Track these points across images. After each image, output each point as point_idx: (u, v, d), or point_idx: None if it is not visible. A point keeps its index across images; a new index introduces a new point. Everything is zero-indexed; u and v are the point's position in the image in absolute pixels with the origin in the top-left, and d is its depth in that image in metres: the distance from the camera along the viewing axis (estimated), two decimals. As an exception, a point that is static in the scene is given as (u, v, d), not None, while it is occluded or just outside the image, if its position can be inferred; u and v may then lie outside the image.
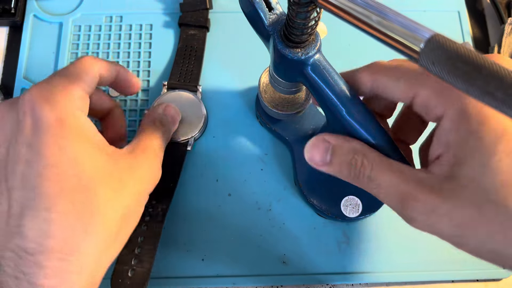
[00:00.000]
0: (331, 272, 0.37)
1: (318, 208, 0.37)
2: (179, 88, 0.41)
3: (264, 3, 0.27)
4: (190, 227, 0.38)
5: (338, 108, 0.27)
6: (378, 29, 0.20)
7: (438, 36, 0.18)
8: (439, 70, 0.17)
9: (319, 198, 0.37)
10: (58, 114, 0.26)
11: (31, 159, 0.25)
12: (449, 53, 0.17)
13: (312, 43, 0.27)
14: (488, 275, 0.38)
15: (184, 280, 0.37)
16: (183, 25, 0.45)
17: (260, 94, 0.37)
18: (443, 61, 0.17)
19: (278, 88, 0.34)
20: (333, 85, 0.27)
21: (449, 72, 0.17)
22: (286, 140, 0.39)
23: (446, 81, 0.17)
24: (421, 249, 0.38)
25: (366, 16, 0.20)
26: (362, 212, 0.36)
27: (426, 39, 0.18)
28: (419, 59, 0.18)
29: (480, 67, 0.16)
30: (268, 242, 0.38)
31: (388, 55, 0.47)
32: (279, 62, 0.29)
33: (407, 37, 0.19)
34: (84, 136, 0.27)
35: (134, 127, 0.42)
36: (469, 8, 0.48)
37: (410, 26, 0.19)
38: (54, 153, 0.26)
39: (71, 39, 0.45)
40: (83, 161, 0.26)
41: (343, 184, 0.34)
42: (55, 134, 0.26)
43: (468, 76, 0.16)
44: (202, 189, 0.39)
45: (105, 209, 0.27)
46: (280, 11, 0.28)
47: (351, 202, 0.36)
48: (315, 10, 0.24)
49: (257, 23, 0.28)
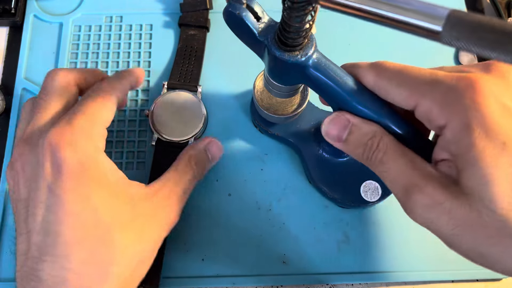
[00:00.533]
0: (331, 272, 0.37)
1: (340, 201, 0.37)
2: (179, 88, 0.41)
3: (251, 15, 0.27)
4: (190, 227, 0.38)
5: (348, 100, 0.27)
6: (392, 18, 0.20)
7: (456, 12, 0.18)
8: (465, 44, 0.17)
9: (339, 191, 0.37)
10: (80, 157, 0.26)
11: (52, 204, 0.25)
12: (472, 26, 0.17)
13: (308, 43, 0.27)
14: (488, 275, 0.38)
15: (184, 280, 0.37)
16: (183, 25, 0.45)
17: (256, 102, 0.37)
18: (468, 34, 0.17)
19: (276, 93, 0.33)
20: (338, 79, 0.27)
21: (476, 44, 0.17)
22: (291, 143, 0.39)
23: (473, 52, 0.17)
24: (421, 249, 0.38)
25: (377, 8, 0.20)
26: (382, 195, 0.36)
27: (445, 17, 0.18)
28: (442, 37, 0.18)
29: (509, 33, 0.16)
30: (268, 242, 0.38)
31: (389, 54, 0.47)
32: (279, 69, 0.28)
33: (424, 19, 0.19)
34: (105, 182, 0.27)
35: (134, 127, 0.42)
36: (469, 8, 0.48)
37: (425, 8, 0.19)
38: (75, 200, 0.26)
39: (71, 39, 0.45)
40: (103, 210, 0.26)
41: (359, 170, 0.34)
42: (76, 180, 0.26)
43: (498, 43, 0.16)
44: (202, 189, 0.40)
45: (122, 258, 0.27)
46: (268, 18, 0.28)
47: (370, 187, 0.37)
48: (310, 13, 0.24)
49: (248, 36, 0.28)
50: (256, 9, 0.27)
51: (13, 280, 0.33)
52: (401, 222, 0.39)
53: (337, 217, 0.39)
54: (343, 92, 0.27)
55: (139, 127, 0.42)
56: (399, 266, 0.38)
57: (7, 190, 0.39)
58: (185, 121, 0.40)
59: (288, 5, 0.23)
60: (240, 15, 0.27)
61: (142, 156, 0.41)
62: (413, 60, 0.44)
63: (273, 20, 0.28)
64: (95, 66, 0.44)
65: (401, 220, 0.39)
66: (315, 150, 0.38)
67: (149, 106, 0.42)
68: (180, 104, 0.40)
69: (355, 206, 0.37)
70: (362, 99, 0.27)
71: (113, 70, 0.44)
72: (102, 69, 0.44)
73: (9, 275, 0.37)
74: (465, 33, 0.17)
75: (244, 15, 0.27)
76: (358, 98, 0.27)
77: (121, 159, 0.40)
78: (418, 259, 0.38)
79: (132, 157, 0.41)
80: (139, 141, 0.41)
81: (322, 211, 0.39)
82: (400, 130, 0.27)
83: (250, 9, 0.27)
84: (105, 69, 0.44)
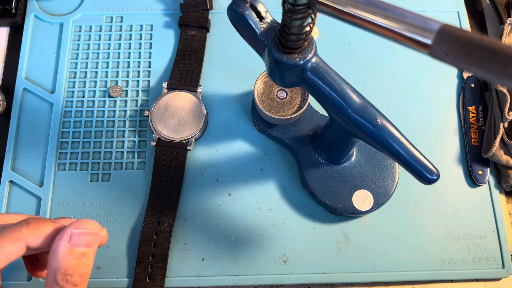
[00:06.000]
0: (331, 271, 0.37)
1: (331, 207, 0.37)
2: (179, 88, 0.41)
3: (254, 14, 0.27)
4: (190, 227, 0.38)
5: (343, 107, 0.27)
6: (384, 27, 0.20)
7: (447, 27, 0.18)
8: (453, 59, 0.17)
9: (330, 197, 0.37)
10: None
11: None
12: (462, 42, 0.17)
13: (308, 47, 0.27)
14: (487, 275, 0.38)
15: (185, 279, 0.37)
16: (184, 26, 0.45)
17: (257, 103, 0.37)
18: (457, 50, 0.17)
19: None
20: (334, 85, 0.27)
21: (464, 60, 0.17)
22: (288, 144, 0.39)
23: (461, 68, 0.17)
24: (421, 249, 0.38)
25: (370, 16, 0.20)
26: (374, 205, 0.36)
27: (436, 31, 0.18)
28: (431, 51, 0.18)
29: (496, 52, 0.16)
30: (268, 241, 0.38)
31: (389, 54, 0.47)
32: (277, 70, 0.28)
33: (415, 31, 0.18)
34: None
35: (135, 127, 0.42)
36: (469, 8, 0.48)
37: (417, 20, 0.19)
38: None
39: (71, 40, 0.45)
40: None
41: (353, 178, 0.34)
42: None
43: (485, 61, 0.16)
44: (202, 189, 0.40)
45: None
46: (271, 19, 0.28)
47: (362, 196, 0.36)
48: (310, 16, 0.24)
49: (250, 35, 0.28)
50: (260, 9, 0.27)
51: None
52: (400, 222, 0.39)
53: (337, 217, 0.39)
54: (339, 99, 0.27)
55: (139, 127, 0.42)
56: (399, 266, 0.38)
57: (8, 190, 0.40)
58: (185, 121, 0.40)
59: (288, 8, 0.23)
60: (243, 13, 0.27)
61: (142, 156, 0.41)
62: (412, 61, 0.44)
63: (276, 21, 0.28)
64: (96, 66, 0.44)
65: (401, 221, 0.39)
66: (311, 155, 0.38)
67: (149, 106, 0.42)
68: (180, 104, 0.40)
69: (345, 214, 0.37)
70: (358, 108, 0.27)
71: (113, 70, 0.44)
72: (103, 69, 0.44)
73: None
74: (455, 48, 0.17)
75: (247, 13, 0.27)
76: (354, 106, 0.27)
77: (122, 159, 0.41)
78: (418, 259, 0.38)
79: (133, 157, 0.41)
80: (139, 141, 0.41)
81: (322, 211, 0.39)
82: (396, 144, 0.27)
83: (254, 8, 0.27)
84: (105, 69, 0.44)
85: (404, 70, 0.44)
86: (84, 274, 0.23)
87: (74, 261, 0.22)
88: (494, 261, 0.38)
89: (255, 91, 0.37)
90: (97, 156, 0.41)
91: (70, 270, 0.22)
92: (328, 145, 0.36)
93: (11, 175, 0.40)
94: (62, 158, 0.41)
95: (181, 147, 0.40)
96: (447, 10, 0.47)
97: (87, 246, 0.23)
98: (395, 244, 0.38)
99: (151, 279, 0.36)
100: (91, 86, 0.43)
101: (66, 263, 0.22)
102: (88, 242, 0.23)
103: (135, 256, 0.37)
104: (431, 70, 0.44)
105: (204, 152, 0.41)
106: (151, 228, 0.37)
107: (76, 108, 0.42)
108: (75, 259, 0.22)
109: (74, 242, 0.23)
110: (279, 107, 0.37)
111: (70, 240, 0.22)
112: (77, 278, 0.22)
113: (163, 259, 0.37)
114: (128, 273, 0.37)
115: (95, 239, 0.24)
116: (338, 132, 0.32)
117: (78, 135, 0.41)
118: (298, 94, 0.38)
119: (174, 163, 0.39)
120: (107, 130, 0.42)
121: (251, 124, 0.42)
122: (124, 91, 0.43)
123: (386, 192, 0.37)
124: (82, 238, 0.23)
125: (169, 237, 0.37)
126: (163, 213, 0.38)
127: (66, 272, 0.22)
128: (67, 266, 0.22)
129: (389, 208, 0.39)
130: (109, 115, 0.42)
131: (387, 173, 0.37)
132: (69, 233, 0.23)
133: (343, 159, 0.37)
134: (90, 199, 0.39)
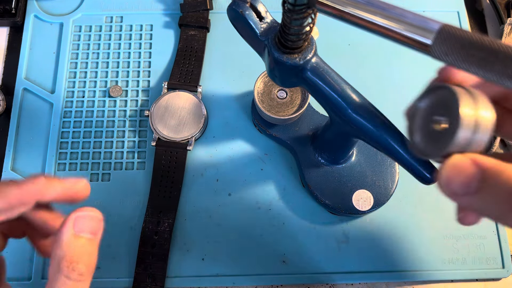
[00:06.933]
0: (331, 271, 0.37)
1: (331, 207, 0.37)
2: (179, 88, 0.42)
3: (254, 14, 0.27)
4: (190, 227, 0.38)
5: (342, 106, 0.27)
6: (384, 27, 0.20)
7: (447, 27, 0.18)
8: (453, 59, 0.17)
9: (330, 196, 0.37)
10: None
11: None
12: (462, 42, 0.17)
13: (308, 47, 0.27)
14: (487, 275, 0.38)
15: (185, 280, 0.37)
16: (184, 26, 0.45)
17: (257, 103, 0.37)
18: (457, 50, 0.17)
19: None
20: (334, 85, 0.27)
21: (464, 60, 0.17)
22: (288, 144, 0.39)
23: (460, 69, 0.17)
24: (421, 249, 0.38)
25: (370, 16, 0.20)
26: (374, 205, 0.36)
27: (436, 31, 0.18)
28: (431, 51, 0.18)
29: (496, 52, 0.16)
30: (268, 241, 0.38)
31: (389, 54, 0.47)
32: (277, 70, 0.28)
33: (415, 31, 0.18)
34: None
35: (134, 127, 0.42)
36: (469, 8, 0.48)
37: (417, 20, 0.19)
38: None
39: (71, 40, 0.45)
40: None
41: (353, 178, 0.34)
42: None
43: (485, 61, 0.16)
44: (202, 189, 0.40)
45: None
46: (271, 19, 0.28)
47: (362, 196, 0.36)
48: (310, 16, 0.24)
49: (250, 35, 0.28)
50: (260, 9, 0.27)
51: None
52: (400, 222, 0.39)
53: (337, 217, 0.39)
54: (339, 99, 0.27)
55: (139, 127, 0.42)
56: (399, 266, 0.38)
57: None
58: (185, 121, 0.40)
59: (288, 8, 0.23)
60: (243, 13, 0.27)
61: (142, 156, 0.41)
62: (412, 61, 0.44)
63: (276, 21, 0.28)
64: (96, 66, 0.44)
65: (401, 220, 0.39)
66: (311, 155, 0.38)
67: (149, 106, 0.42)
68: (180, 104, 0.40)
69: (345, 214, 0.37)
70: (358, 107, 0.27)
71: (113, 70, 0.44)
72: (103, 69, 0.44)
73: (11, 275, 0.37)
74: (455, 48, 0.17)
75: (247, 13, 0.27)
76: (354, 106, 0.27)
77: (122, 159, 0.41)
78: (418, 259, 0.38)
79: (133, 157, 0.41)
80: (140, 141, 0.41)
81: (322, 211, 0.39)
82: (396, 143, 0.27)
83: (254, 8, 0.27)
84: (105, 69, 0.44)
85: (404, 70, 0.44)
86: (90, 265, 0.22)
87: (79, 248, 0.22)
88: (494, 261, 0.38)
89: (255, 91, 0.37)
90: (97, 156, 0.41)
91: (76, 258, 0.21)
92: (328, 145, 0.36)
93: (11, 175, 0.40)
94: (62, 158, 0.41)
95: (181, 147, 0.40)
96: (447, 10, 0.47)
97: (92, 234, 0.23)
98: (395, 244, 0.38)
99: (151, 279, 0.36)
100: (91, 86, 0.43)
101: (71, 250, 0.22)
102: (92, 227, 0.23)
103: (135, 256, 0.37)
104: (431, 70, 0.44)
105: (204, 152, 0.41)
106: (151, 228, 0.37)
107: (76, 108, 0.42)
108: (80, 246, 0.22)
109: (78, 228, 0.22)
110: (279, 107, 0.37)
111: (74, 226, 0.22)
112: (82, 266, 0.22)
113: (163, 259, 0.37)
114: (128, 273, 0.37)
115: (99, 225, 0.23)
116: (338, 132, 0.32)
117: (78, 135, 0.41)
118: (298, 94, 0.38)
119: (174, 163, 0.39)
120: (107, 130, 0.42)
121: (251, 124, 0.42)
122: (124, 91, 0.43)
123: (386, 192, 0.37)
124: (86, 224, 0.22)
125: (169, 237, 0.37)
126: (163, 213, 0.38)
127: (72, 259, 0.21)
128: (73, 253, 0.21)
129: (389, 208, 0.39)
130: (109, 115, 0.42)
131: (387, 173, 0.37)
132: (73, 218, 0.22)
133: (343, 159, 0.37)
134: (90, 199, 0.39)
